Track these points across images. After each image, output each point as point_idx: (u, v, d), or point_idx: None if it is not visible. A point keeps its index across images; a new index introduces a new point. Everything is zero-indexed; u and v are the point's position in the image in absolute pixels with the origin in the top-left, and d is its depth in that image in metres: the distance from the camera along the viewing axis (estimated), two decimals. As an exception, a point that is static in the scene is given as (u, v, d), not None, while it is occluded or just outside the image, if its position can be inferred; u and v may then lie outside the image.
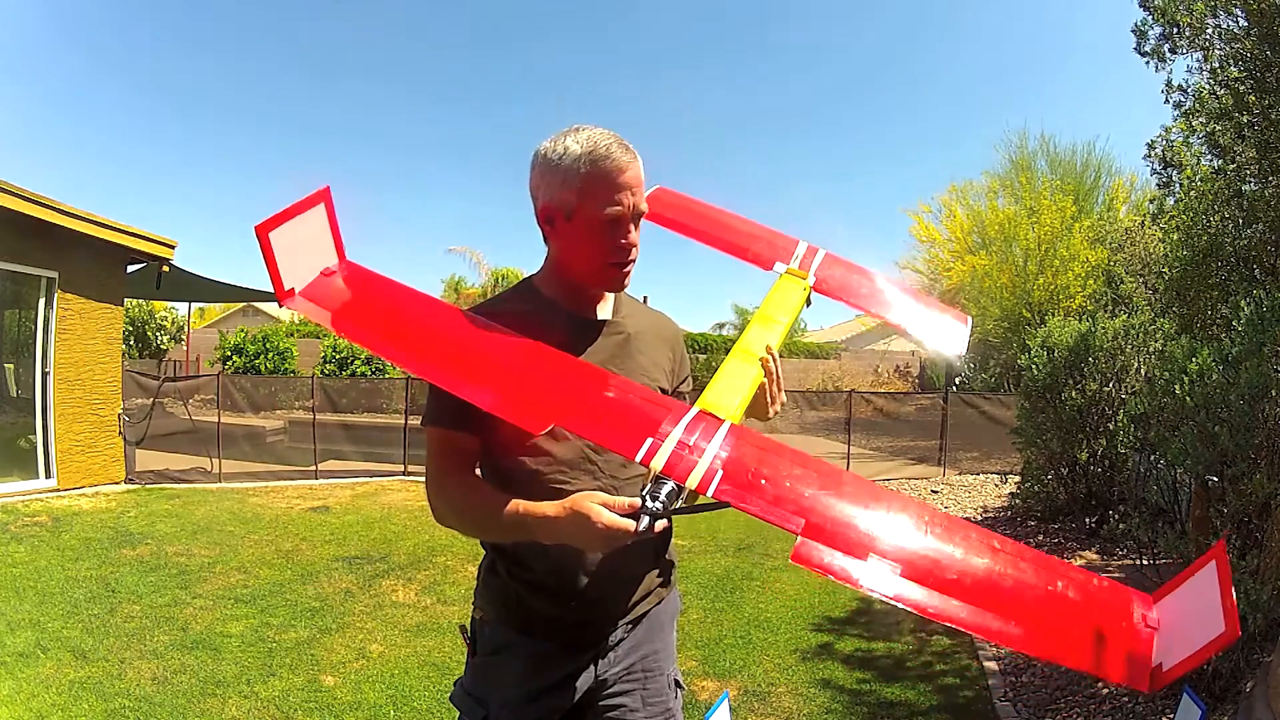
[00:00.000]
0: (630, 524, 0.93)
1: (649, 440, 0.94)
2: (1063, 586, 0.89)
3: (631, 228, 1.13)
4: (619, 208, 1.09)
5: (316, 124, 60.75)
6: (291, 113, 60.81)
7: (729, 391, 1.12)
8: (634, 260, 1.16)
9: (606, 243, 1.11)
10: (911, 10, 60.52)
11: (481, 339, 1.07)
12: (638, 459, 0.94)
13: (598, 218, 1.09)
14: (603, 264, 1.14)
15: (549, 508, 1.00)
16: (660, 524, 0.93)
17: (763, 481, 0.93)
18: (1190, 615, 0.84)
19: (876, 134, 59.00)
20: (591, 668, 1.15)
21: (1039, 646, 0.85)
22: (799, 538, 0.86)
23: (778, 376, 1.20)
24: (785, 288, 1.46)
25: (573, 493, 1.02)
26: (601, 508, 0.95)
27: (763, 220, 1.65)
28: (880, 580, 0.85)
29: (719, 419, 1.02)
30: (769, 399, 1.19)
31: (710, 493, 0.92)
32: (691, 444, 0.95)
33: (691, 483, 0.91)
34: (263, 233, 1.03)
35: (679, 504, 0.95)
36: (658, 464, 0.93)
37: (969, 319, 1.64)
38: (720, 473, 0.92)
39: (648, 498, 0.93)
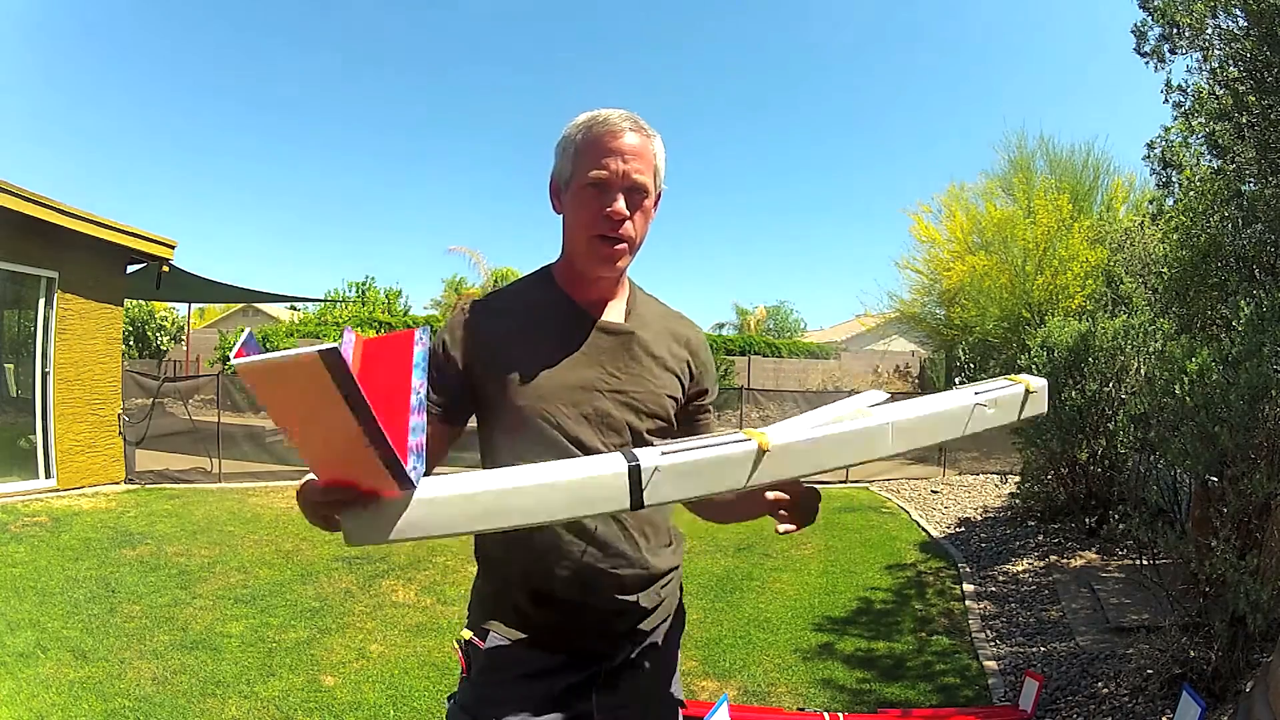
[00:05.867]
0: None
1: None
2: None
3: (620, 197, 1.05)
4: (604, 172, 1.04)
5: (317, 123, 60.70)
6: (292, 112, 60.75)
7: None
8: (628, 237, 1.07)
9: (591, 209, 1.05)
10: (912, 10, 60.56)
11: None
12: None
13: (584, 181, 1.05)
14: (588, 236, 1.07)
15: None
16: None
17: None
18: None
19: (876, 133, 59.06)
20: (590, 687, 1.10)
21: None
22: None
23: None
24: None
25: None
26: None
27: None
28: None
29: None
30: None
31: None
32: None
33: None
34: None
35: None
36: None
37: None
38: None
39: None
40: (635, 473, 0.87)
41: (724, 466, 0.89)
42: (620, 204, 1.05)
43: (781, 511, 1.04)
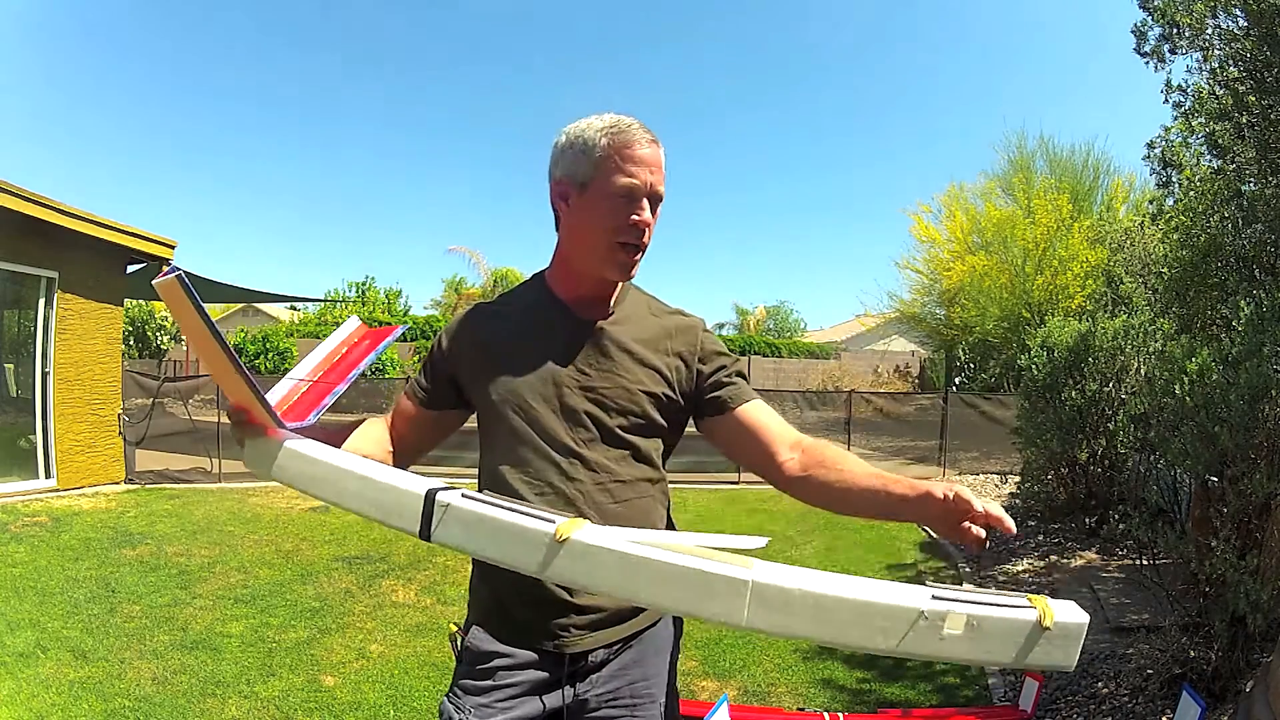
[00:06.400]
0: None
1: None
2: None
3: (646, 205, 1.08)
4: (635, 181, 1.06)
5: (317, 123, 60.62)
6: (292, 112, 60.70)
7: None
8: (645, 246, 1.11)
9: (617, 217, 1.07)
10: (912, 10, 60.53)
11: None
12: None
13: (611, 187, 1.06)
14: (610, 242, 1.08)
15: None
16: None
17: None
18: None
19: (876, 133, 59.03)
20: (567, 683, 1.10)
21: None
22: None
23: None
24: None
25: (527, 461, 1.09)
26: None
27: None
28: None
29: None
30: None
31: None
32: None
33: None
34: None
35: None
36: None
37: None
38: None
39: None
40: (430, 504, 0.89)
41: (513, 537, 0.85)
42: (648, 213, 1.09)
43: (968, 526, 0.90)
